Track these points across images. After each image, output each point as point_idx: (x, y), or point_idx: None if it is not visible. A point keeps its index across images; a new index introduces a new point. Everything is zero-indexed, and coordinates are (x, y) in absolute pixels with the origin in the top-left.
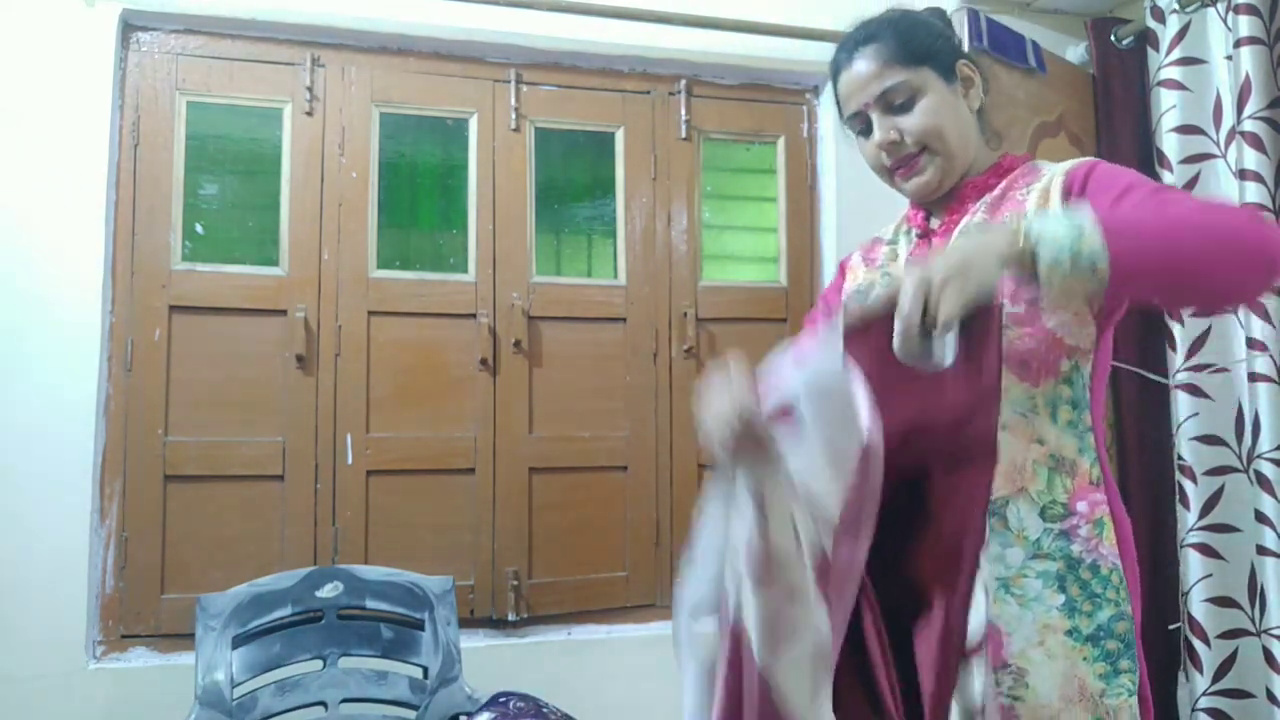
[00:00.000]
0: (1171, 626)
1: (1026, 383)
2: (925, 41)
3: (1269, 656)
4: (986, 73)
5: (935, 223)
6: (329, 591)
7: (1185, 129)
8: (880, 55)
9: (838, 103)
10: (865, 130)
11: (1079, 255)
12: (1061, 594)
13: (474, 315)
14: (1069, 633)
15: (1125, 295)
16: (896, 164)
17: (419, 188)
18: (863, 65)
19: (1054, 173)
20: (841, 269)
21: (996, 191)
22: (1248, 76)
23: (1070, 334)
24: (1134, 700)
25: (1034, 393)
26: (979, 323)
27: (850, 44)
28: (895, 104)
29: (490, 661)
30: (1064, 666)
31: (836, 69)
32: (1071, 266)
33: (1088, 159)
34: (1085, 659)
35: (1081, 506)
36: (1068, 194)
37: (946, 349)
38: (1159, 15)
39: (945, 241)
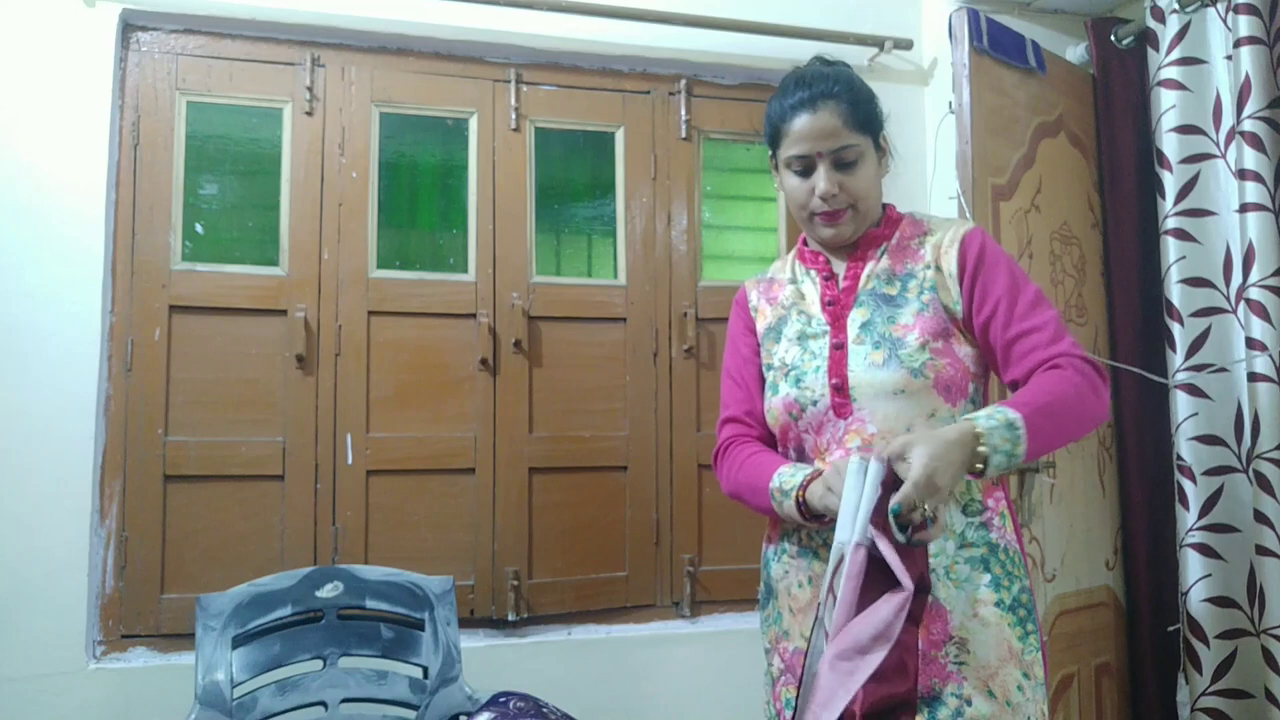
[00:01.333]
0: (1170, 628)
1: (949, 404)
2: (870, 112)
3: (1268, 656)
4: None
5: (840, 266)
6: (329, 591)
7: (1185, 129)
8: (841, 114)
9: (778, 137)
10: (805, 172)
11: (1013, 459)
12: (987, 573)
13: (474, 315)
14: (996, 604)
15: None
16: (824, 212)
17: (419, 188)
18: (826, 119)
19: (943, 232)
20: (744, 308)
21: (893, 241)
22: (1247, 76)
23: (974, 364)
24: (1040, 655)
25: (954, 412)
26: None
27: (813, 94)
28: (845, 162)
29: (490, 661)
30: (995, 632)
31: (794, 110)
32: (1006, 467)
33: (968, 228)
34: (1009, 624)
35: (991, 502)
36: (963, 267)
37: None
38: (1159, 15)
39: (855, 285)
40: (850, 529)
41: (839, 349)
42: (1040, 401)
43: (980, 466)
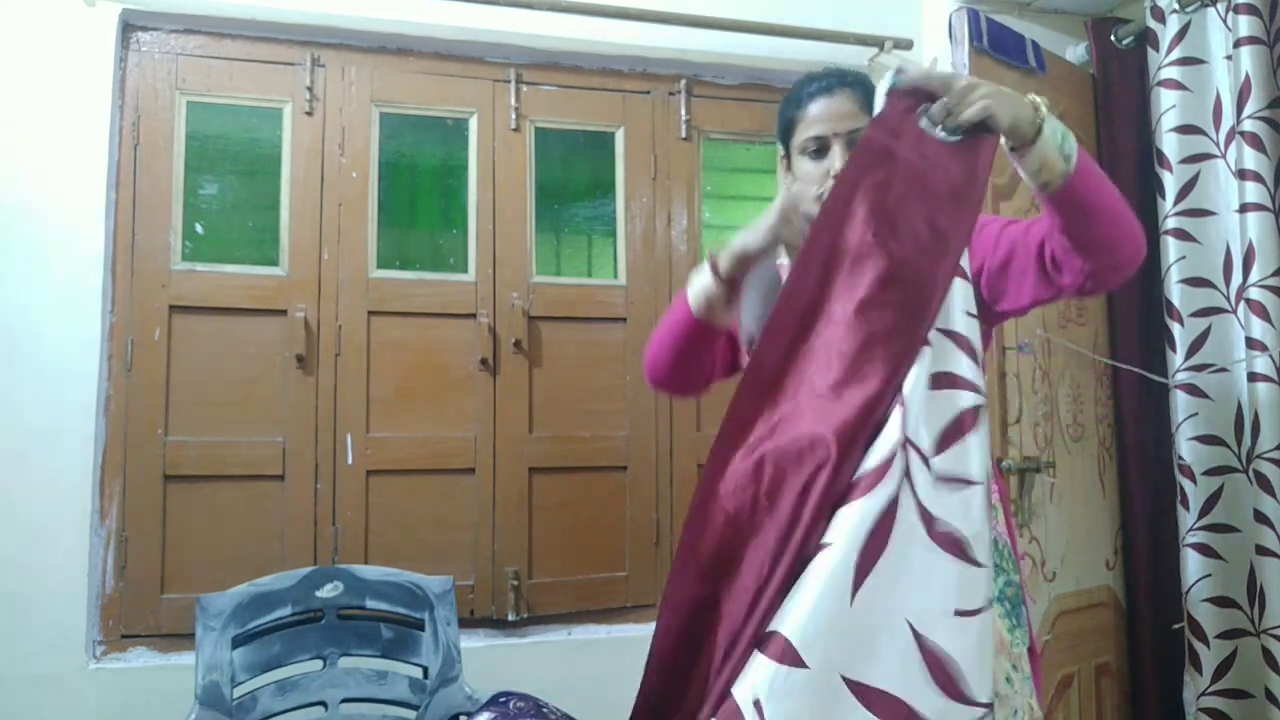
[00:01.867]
0: (1175, 626)
1: None
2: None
3: (1268, 656)
4: None
5: None
6: (329, 591)
7: (1185, 129)
8: (857, 101)
9: (793, 121)
10: (819, 154)
11: (1066, 142)
12: None
13: (474, 315)
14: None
15: (1064, 206)
16: None
17: (419, 188)
18: (843, 102)
19: None
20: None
21: None
22: (1247, 76)
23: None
24: (1026, 648)
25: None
26: (985, 139)
27: (830, 82)
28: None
29: (490, 661)
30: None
31: (811, 96)
32: (1060, 144)
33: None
34: (998, 616)
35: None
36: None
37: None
38: (1159, 15)
39: None
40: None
41: None
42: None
43: (1035, 126)
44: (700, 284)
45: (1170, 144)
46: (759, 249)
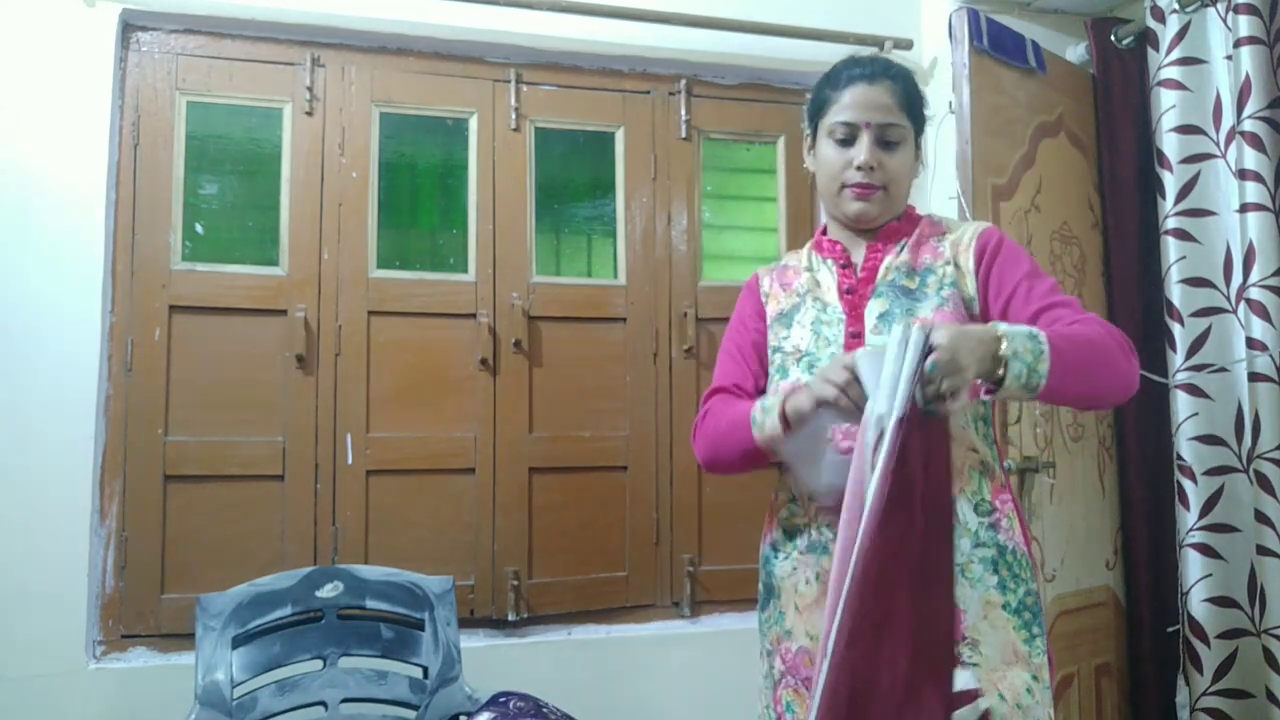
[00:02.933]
0: (1170, 629)
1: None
2: (919, 107)
3: (1269, 656)
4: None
5: (858, 256)
6: (329, 591)
7: (1185, 129)
8: (895, 95)
9: (827, 101)
10: (846, 141)
11: (1034, 375)
12: (995, 575)
13: (474, 315)
14: (1003, 606)
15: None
16: (857, 184)
17: (419, 188)
18: (882, 93)
19: (962, 231)
20: (755, 292)
21: (913, 237)
22: (1248, 76)
23: None
24: (1046, 659)
25: (967, 409)
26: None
27: (874, 70)
28: (888, 140)
29: (490, 661)
30: (1002, 635)
31: (850, 80)
32: (1025, 383)
33: (986, 226)
34: (1014, 628)
35: (998, 503)
36: (980, 258)
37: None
38: (1159, 15)
39: (873, 275)
40: (891, 401)
41: (855, 337)
42: (1067, 333)
43: (1000, 373)
44: (769, 428)
45: (1170, 144)
46: (816, 407)
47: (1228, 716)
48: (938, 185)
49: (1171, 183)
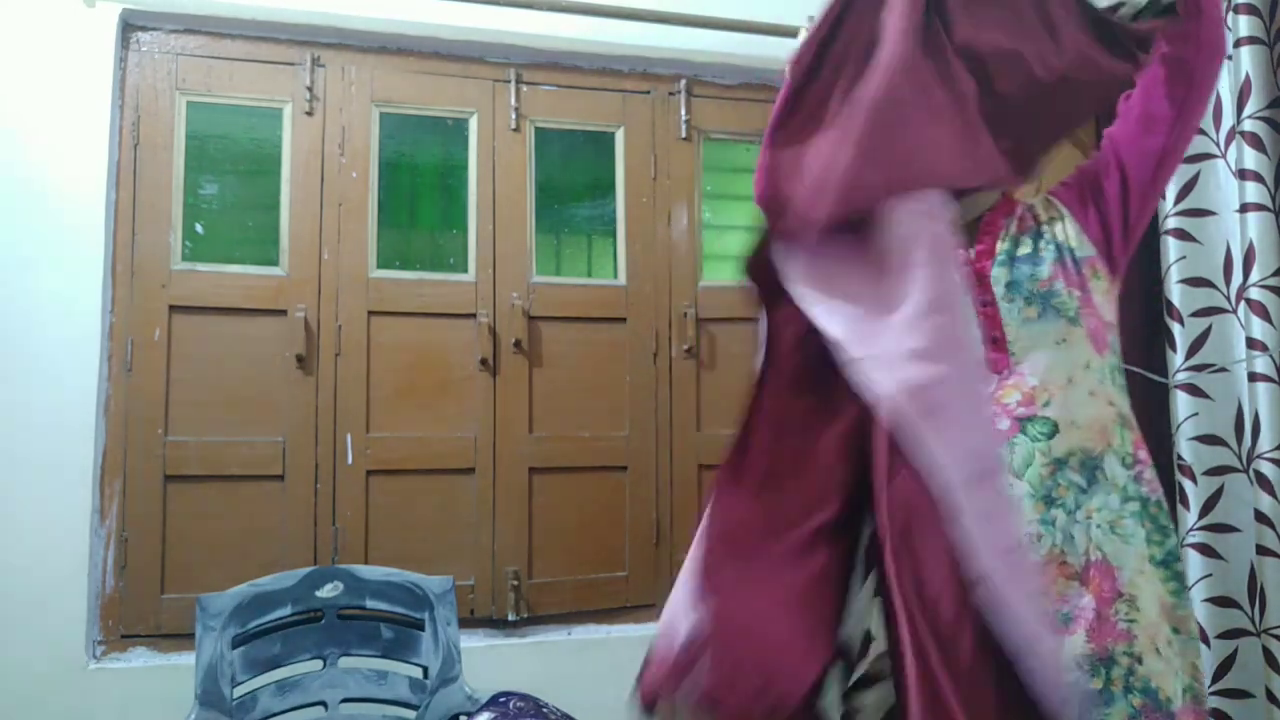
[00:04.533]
0: None
1: (1099, 355)
2: None
3: (1269, 656)
4: None
5: (970, 252)
6: (329, 591)
7: None
8: None
9: None
10: None
11: None
12: (1142, 528)
13: (474, 315)
14: (1151, 559)
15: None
16: None
17: (419, 188)
18: None
19: (1058, 206)
20: None
21: (1015, 215)
22: (1247, 76)
23: (1106, 313)
24: (1189, 611)
25: (1102, 363)
26: None
27: None
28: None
29: (490, 661)
30: (1154, 589)
31: None
32: None
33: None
34: (1162, 580)
35: (1141, 454)
36: (1072, 191)
37: None
38: None
39: (990, 250)
40: None
41: (988, 305)
42: None
43: None
44: None
45: None
46: None
47: (1227, 716)
48: None
49: (1171, 182)
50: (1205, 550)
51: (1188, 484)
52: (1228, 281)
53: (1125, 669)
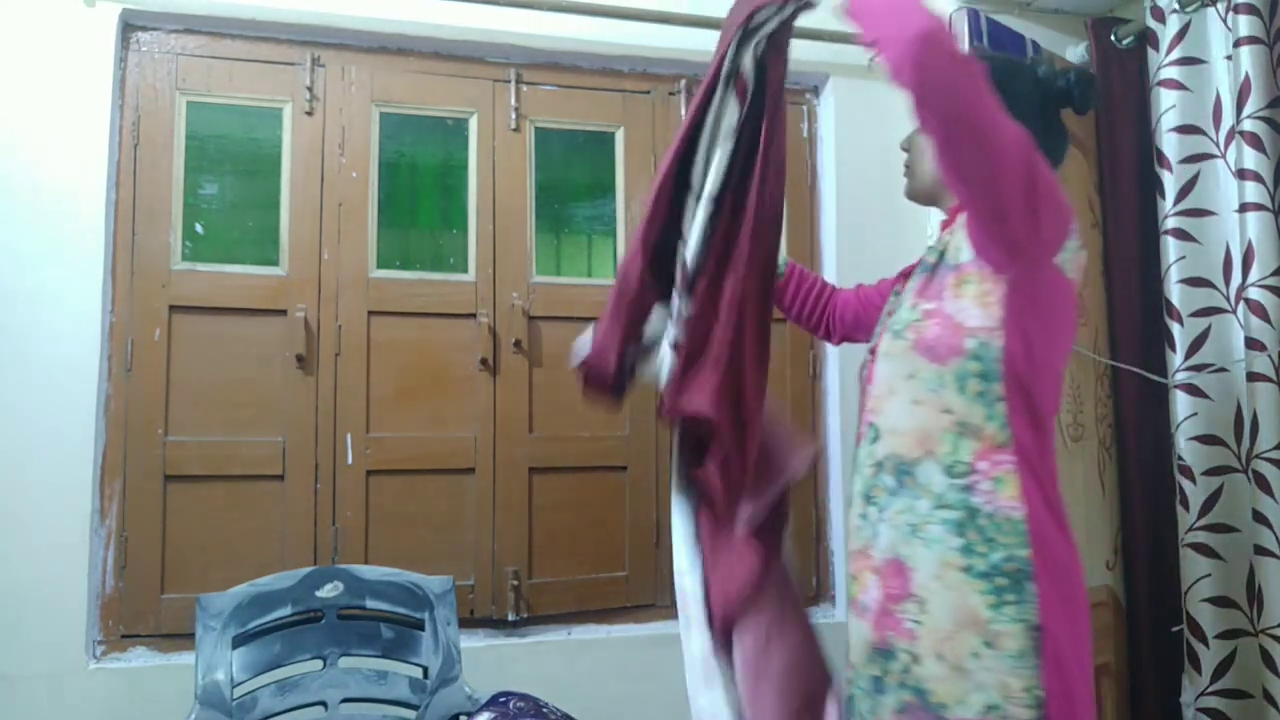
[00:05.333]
0: (1174, 629)
1: (935, 364)
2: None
3: (1267, 657)
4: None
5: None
6: (329, 591)
7: (1185, 129)
8: None
9: None
10: None
11: None
12: (960, 538)
13: (474, 315)
14: (964, 569)
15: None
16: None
17: (419, 188)
18: None
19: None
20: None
21: (947, 236)
22: (1247, 76)
23: (971, 317)
24: (1022, 628)
25: (942, 371)
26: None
27: None
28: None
29: (490, 661)
30: (957, 598)
31: None
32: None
33: None
34: (977, 591)
35: (983, 465)
36: None
37: None
38: (1159, 15)
39: (903, 283)
40: None
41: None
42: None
43: None
44: None
45: (1170, 144)
46: None
47: (1226, 717)
48: None
49: (1171, 182)
50: (1204, 550)
51: (1187, 484)
52: (1227, 281)
53: (902, 665)
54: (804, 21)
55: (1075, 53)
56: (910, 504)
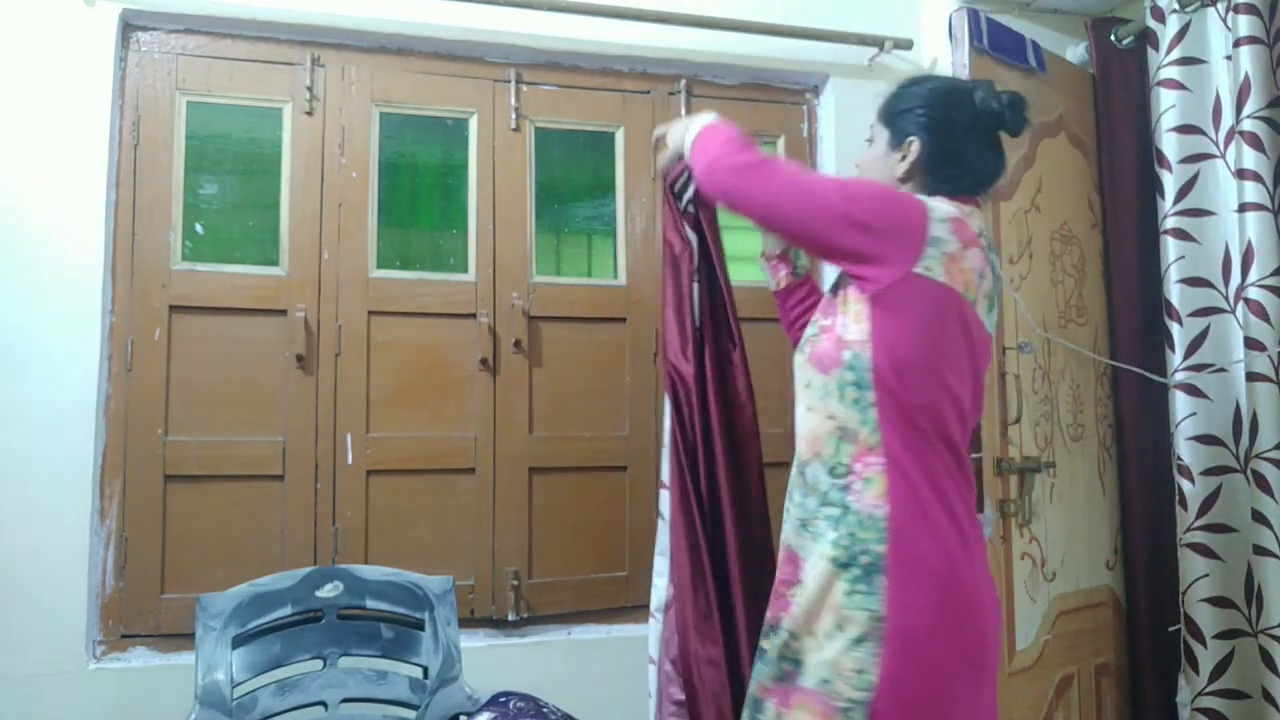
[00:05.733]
0: (1171, 629)
1: (822, 374)
2: (891, 106)
3: (1266, 657)
4: (932, 147)
5: None
6: (329, 591)
7: (1185, 129)
8: (879, 105)
9: None
10: None
11: (686, 138)
12: (834, 532)
13: (474, 315)
14: (831, 559)
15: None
16: None
17: (419, 187)
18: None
19: None
20: None
21: None
22: (1247, 76)
23: (849, 331)
24: (866, 616)
25: (827, 380)
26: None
27: None
28: (866, 139)
29: (490, 661)
30: (825, 583)
31: None
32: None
33: None
34: (840, 580)
35: (858, 467)
36: None
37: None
38: (1159, 15)
39: None
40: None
41: None
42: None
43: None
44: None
45: (1170, 144)
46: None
47: (1224, 717)
48: None
49: (1171, 182)
50: (1203, 550)
51: (1186, 484)
52: (1226, 281)
53: (783, 640)
54: (804, 22)
55: (1075, 53)
56: (803, 500)
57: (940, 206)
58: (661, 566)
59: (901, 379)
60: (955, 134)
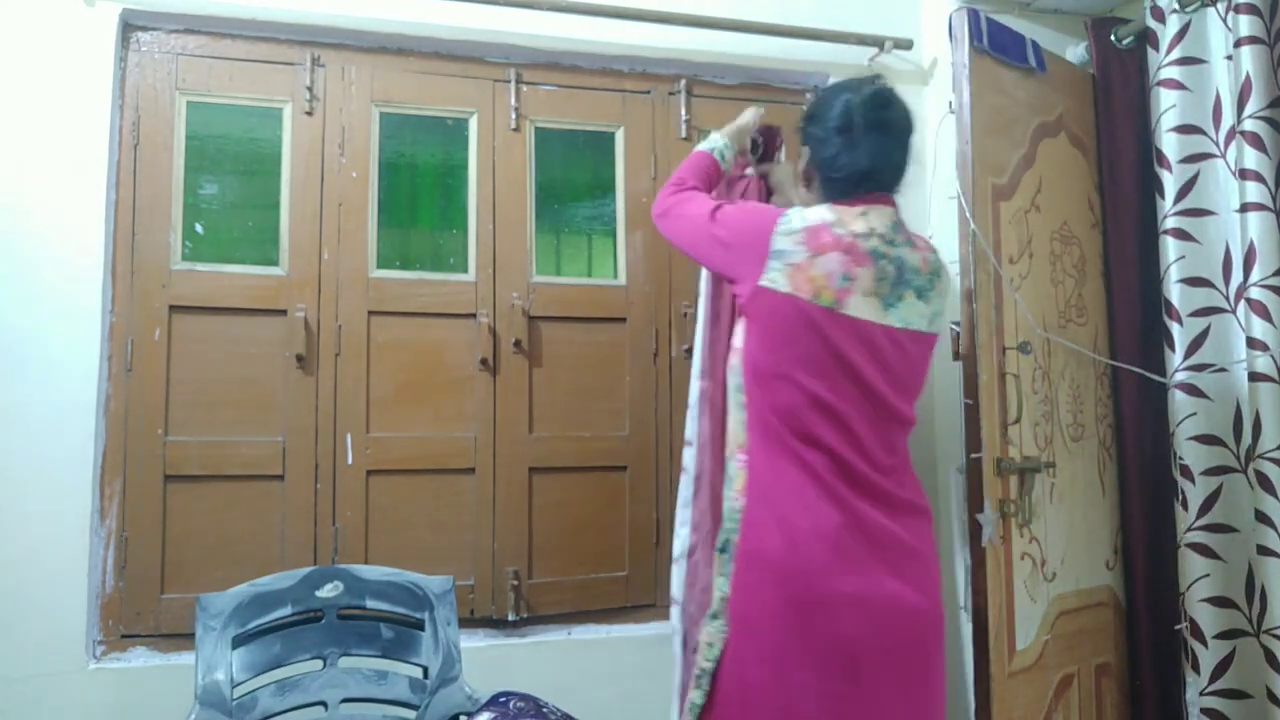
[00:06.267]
0: (1177, 627)
1: (729, 379)
2: (799, 124)
3: (1268, 656)
4: (813, 155)
5: None
6: (329, 591)
7: (1185, 129)
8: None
9: None
10: None
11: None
12: (722, 520)
13: (474, 315)
14: (715, 545)
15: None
16: None
17: (419, 188)
18: None
19: None
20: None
21: None
22: (1248, 76)
23: (736, 340)
24: (719, 596)
25: (729, 386)
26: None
27: None
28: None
29: (490, 661)
30: (714, 564)
31: None
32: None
33: None
34: (716, 562)
35: (732, 465)
36: None
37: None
38: (1159, 15)
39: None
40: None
41: None
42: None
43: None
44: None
45: (1170, 144)
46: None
47: (1226, 717)
48: (938, 185)
49: (1171, 182)
50: (1203, 550)
51: (1186, 484)
52: (1227, 281)
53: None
54: (803, 22)
55: (1075, 53)
56: (729, 493)
57: (796, 218)
58: (684, 516)
59: (759, 384)
60: (828, 139)
